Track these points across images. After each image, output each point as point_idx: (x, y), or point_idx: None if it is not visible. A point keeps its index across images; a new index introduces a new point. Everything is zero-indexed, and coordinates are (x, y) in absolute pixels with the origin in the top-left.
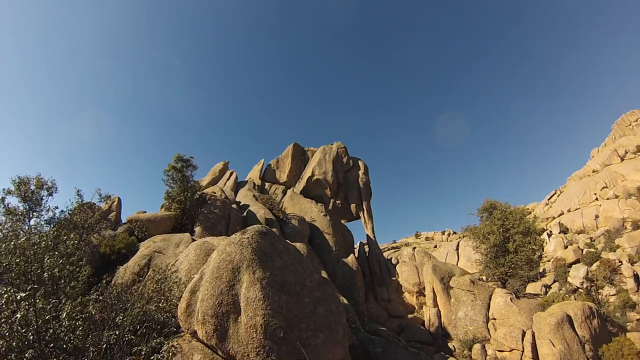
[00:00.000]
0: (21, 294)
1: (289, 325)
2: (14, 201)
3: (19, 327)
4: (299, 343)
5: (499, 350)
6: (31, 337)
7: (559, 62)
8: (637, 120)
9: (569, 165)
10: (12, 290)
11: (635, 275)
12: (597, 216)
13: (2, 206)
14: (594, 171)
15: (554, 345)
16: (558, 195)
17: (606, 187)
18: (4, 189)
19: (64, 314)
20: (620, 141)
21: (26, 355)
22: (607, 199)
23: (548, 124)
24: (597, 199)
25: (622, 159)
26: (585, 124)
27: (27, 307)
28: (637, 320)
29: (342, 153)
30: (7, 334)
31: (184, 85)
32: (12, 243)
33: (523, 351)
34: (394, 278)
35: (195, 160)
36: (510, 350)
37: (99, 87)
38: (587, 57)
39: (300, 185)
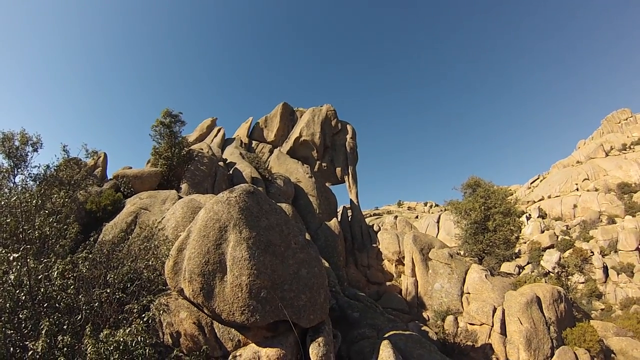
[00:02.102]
0: (14, 255)
1: (273, 286)
2: None
3: (11, 288)
4: (282, 304)
5: (470, 323)
6: (24, 297)
7: (561, 50)
8: (627, 119)
9: (554, 153)
10: (3, 251)
11: (605, 267)
12: (575, 206)
13: None
14: (578, 162)
15: (521, 324)
16: (540, 181)
17: (588, 179)
18: None
19: (56, 273)
20: (607, 137)
21: (20, 315)
22: (587, 190)
23: (539, 110)
24: (577, 190)
25: (607, 154)
26: (575, 115)
27: (19, 267)
28: (602, 309)
29: (331, 116)
30: None
31: (174, 39)
32: (2, 202)
33: (492, 326)
34: (374, 245)
35: (184, 115)
36: (481, 324)
37: (85, 37)
38: (590, 50)
39: (287, 145)
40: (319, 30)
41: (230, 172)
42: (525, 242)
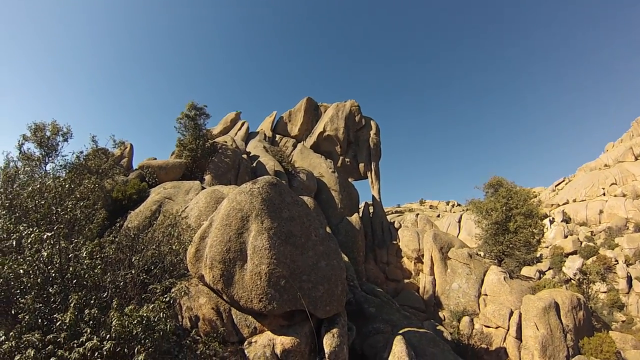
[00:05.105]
0: (47, 234)
1: (292, 276)
2: (30, 147)
3: (42, 265)
4: (300, 293)
5: (486, 326)
6: (54, 274)
7: (593, 48)
8: None
9: (581, 155)
10: (37, 231)
11: (629, 277)
12: (601, 211)
13: (20, 152)
14: (605, 165)
15: (538, 329)
16: (566, 184)
17: (615, 184)
18: (21, 135)
19: (84, 253)
20: (637, 139)
21: (50, 290)
22: (615, 195)
23: (567, 110)
24: (604, 194)
25: (637, 158)
26: (604, 117)
27: (51, 246)
28: (623, 321)
29: (355, 111)
30: (31, 271)
31: (197, 33)
32: (38, 185)
33: (508, 330)
34: (394, 242)
35: (208, 109)
36: (497, 327)
37: (111, 31)
38: (623, 49)
39: (311, 140)
40: (345, 26)
41: (254, 165)
42: (547, 247)
